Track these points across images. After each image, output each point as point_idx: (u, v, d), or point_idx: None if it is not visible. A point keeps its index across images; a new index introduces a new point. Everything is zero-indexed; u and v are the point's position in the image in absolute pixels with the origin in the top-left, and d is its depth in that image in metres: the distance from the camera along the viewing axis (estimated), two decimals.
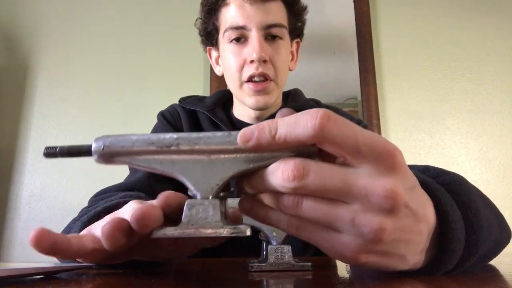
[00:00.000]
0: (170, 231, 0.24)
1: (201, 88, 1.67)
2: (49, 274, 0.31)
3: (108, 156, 0.25)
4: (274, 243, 0.35)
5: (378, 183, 0.22)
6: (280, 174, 0.22)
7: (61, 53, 1.71)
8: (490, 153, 1.62)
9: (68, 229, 0.43)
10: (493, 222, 0.33)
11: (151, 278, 0.31)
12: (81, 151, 0.26)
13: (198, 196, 0.25)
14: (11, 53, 1.72)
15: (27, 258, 1.48)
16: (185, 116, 0.74)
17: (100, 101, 1.66)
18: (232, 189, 0.27)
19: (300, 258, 0.36)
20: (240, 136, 0.24)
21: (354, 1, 1.76)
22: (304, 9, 0.74)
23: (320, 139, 0.22)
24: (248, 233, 0.23)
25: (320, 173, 0.22)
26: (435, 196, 0.28)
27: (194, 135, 0.25)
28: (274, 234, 0.36)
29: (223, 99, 0.78)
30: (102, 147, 0.25)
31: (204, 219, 0.24)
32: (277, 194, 0.24)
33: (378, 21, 1.76)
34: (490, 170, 1.60)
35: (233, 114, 0.77)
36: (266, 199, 0.26)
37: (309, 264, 0.34)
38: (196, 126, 0.74)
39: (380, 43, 1.74)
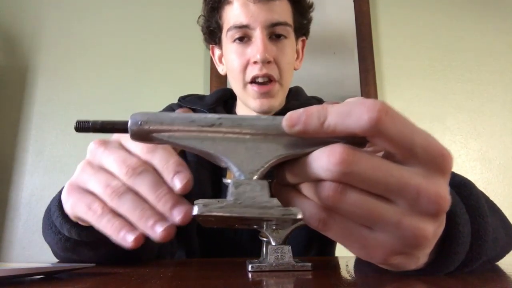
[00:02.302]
0: (215, 208, 0.21)
1: (201, 87, 1.67)
2: (49, 274, 0.31)
3: (146, 133, 0.24)
4: (274, 243, 0.35)
5: (431, 186, 0.21)
6: (326, 157, 0.21)
7: (61, 53, 1.71)
8: (490, 153, 1.62)
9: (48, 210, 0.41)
10: (499, 228, 0.33)
11: (151, 278, 0.31)
12: (116, 127, 0.25)
13: (243, 177, 0.23)
14: (11, 53, 1.71)
15: (27, 258, 1.48)
16: None
17: (100, 101, 1.66)
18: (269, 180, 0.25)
19: (300, 258, 0.36)
20: (285, 119, 0.22)
21: (354, 1, 1.76)
22: (310, 6, 0.72)
23: (375, 133, 0.21)
24: (300, 215, 0.21)
25: (372, 163, 0.21)
26: None
27: (237, 116, 0.24)
28: (275, 234, 0.36)
29: (224, 97, 0.77)
30: (139, 122, 0.24)
31: (252, 199, 0.22)
32: (318, 183, 0.22)
33: (378, 21, 1.76)
34: (490, 170, 1.60)
35: (235, 113, 0.76)
36: (305, 189, 0.24)
37: (309, 264, 0.34)
38: None
39: (380, 43, 1.73)
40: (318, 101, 0.77)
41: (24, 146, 1.61)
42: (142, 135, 0.24)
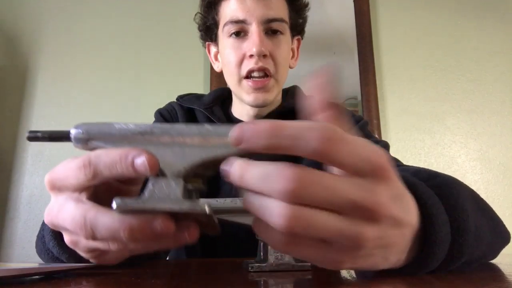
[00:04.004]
0: (131, 202, 0.24)
1: (201, 86, 1.67)
2: (49, 274, 0.31)
3: (86, 140, 0.27)
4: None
5: (369, 195, 0.22)
6: (275, 179, 0.21)
7: (61, 53, 1.71)
8: (490, 153, 1.62)
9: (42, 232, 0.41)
10: (484, 227, 0.33)
11: (151, 278, 0.31)
12: (62, 136, 0.28)
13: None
14: (11, 53, 1.71)
15: (27, 258, 1.48)
16: (182, 114, 0.74)
17: (100, 100, 1.66)
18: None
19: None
20: (231, 136, 0.23)
21: (354, 1, 1.76)
22: (305, 5, 0.73)
23: (322, 159, 0.22)
24: (207, 210, 0.23)
25: (321, 182, 0.21)
26: (422, 199, 0.28)
27: (168, 125, 0.27)
28: None
29: (221, 97, 0.77)
30: (81, 131, 0.27)
31: (166, 194, 0.24)
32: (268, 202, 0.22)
33: (378, 21, 1.76)
34: (490, 170, 1.60)
35: (231, 113, 0.76)
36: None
37: (309, 264, 0.34)
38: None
39: (380, 43, 1.74)
40: None
41: (24, 146, 1.61)
42: (82, 143, 0.27)
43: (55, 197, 0.28)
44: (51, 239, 0.36)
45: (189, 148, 0.26)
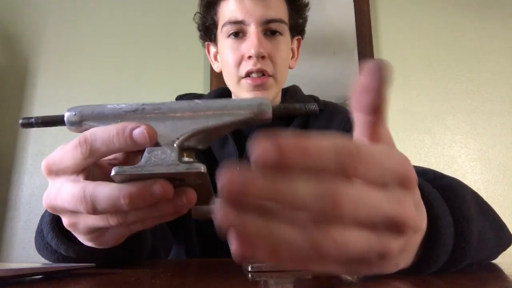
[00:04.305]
0: (129, 169, 0.24)
1: (201, 86, 1.67)
2: (49, 274, 0.31)
3: (80, 122, 0.28)
4: None
5: (394, 208, 0.20)
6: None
7: (61, 53, 1.71)
8: (490, 153, 1.62)
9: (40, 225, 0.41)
10: (488, 230, 0.33)
11: (151, 278, 0.31)
12: (55, 121, 0.29)
13: None
14: (11, 53, 1.71)
15: (27, 258, 1.48)
16: None
17: (100, 101, 1.65)
18: None
19: None
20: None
21: (354, 1, 1.76)
22: (305, 5, 0.72)
23: (347, 176, 0.21)
24: (203, 169, 0.24)
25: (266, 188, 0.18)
26: (428, 200, 0.28)
27: (159, 102, 0.28)
28: None
29: (221, 97, 0.77)
30: (74, 113, 0.28)
31: (162, 160, 0.25)
32: None
33: (378, 21, 1.76)
34: (490, 170, 1.60)
35: None
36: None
37: None
38: None
39: (380, 43, 1.74)
40: (315, 100, 0.77)
41: (24, 146, 1.61)
42: (77, 124, 0.28)
43: (52, 182, 0.29)
44: (49, 230, 0.37)
45: (181, 121, 0.27)
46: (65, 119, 0.28)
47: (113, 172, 0.24)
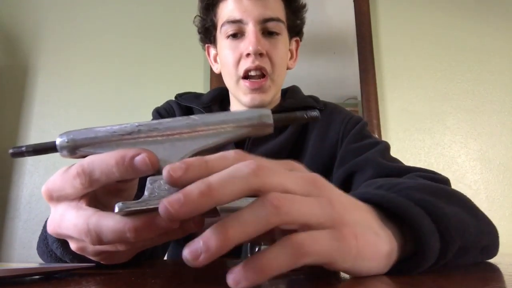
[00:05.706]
0: (133, 204, 0.23)
1: (201, 86, 1.67)
2: (49, 274, 0.31)
3: (73, 149, 0.26)
4: (269, 244, 0.35)
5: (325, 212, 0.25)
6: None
7: (61, 53, 1.71)
8: (490, 153, 1.62)
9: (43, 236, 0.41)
10: (461, 212, 0.34)
11: (151, 278, 0.31)
12: (47, 148, 0.27)
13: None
14: (11, 53, 1.72)
15: (27, 258, 1.48)
16: (180, 112, 0.74)
17: (100, 100, 1.66)
18: None
19: None
20: (165, 174, 0.23)
21: (354, 1, 1.76)
22: (303, 6, 0.73)
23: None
24: None
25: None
26: (390, 200, 0.30)
27: (154, 122, 0.26)
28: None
29: (220, 96, 0.77)
30: (66, 140, 0.26)
31: (166, 191, 0.24)
32: None
33: (378, 21, 1.76)
34: (490, 170, 1.60)
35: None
36: None
37: None
38: None
39: (380, 43, 1.74)
40: (315, 100, 0.77)
41: None
42: (69, 151, 0.27)
43: (54, 208, 0.28)
44: (54, 240, 0.36)
45: (180, 141, 0.26)
46: (57, 146, 0.27)
47: (116, 209, 0.23)
